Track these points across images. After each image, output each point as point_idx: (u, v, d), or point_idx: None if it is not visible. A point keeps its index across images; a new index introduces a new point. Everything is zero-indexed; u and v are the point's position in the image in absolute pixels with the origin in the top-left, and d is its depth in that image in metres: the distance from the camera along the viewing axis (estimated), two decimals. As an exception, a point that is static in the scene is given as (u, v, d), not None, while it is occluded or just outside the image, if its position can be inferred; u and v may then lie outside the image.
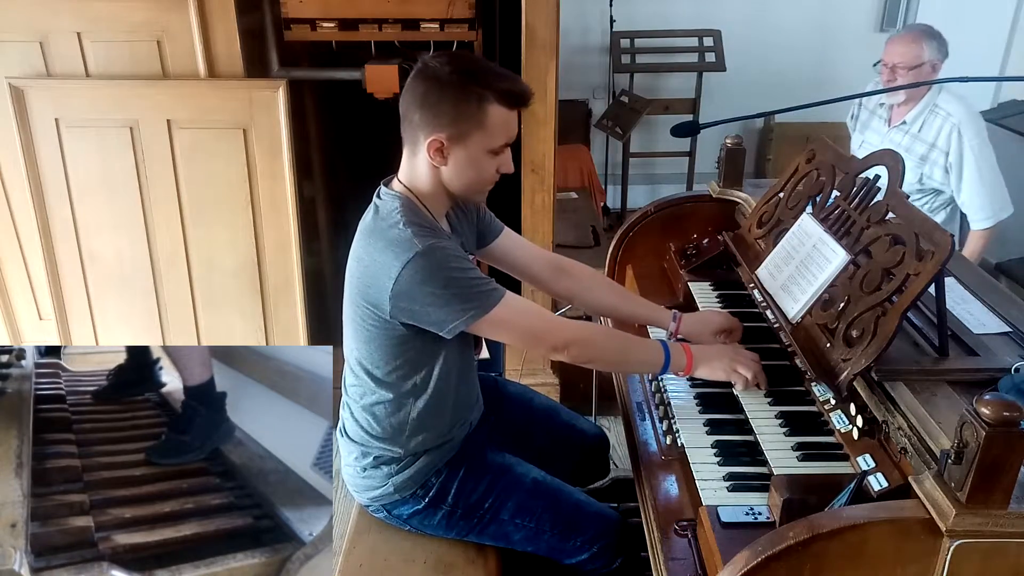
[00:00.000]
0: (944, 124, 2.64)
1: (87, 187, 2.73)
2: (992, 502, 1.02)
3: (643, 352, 1.64)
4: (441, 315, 1.47)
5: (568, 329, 1.58)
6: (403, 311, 1.48)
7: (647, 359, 1.62)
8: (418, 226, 1.48)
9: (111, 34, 2.58)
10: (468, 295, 1.47)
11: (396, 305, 1.47)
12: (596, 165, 4.81)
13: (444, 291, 1.45)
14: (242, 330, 2.92)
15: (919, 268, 1.33)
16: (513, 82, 1.49)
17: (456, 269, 1.47)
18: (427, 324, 1.49)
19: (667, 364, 1.59)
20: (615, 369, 1.86)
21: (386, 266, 1.45)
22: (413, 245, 1.44)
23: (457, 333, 1.49)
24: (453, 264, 1.47)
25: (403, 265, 1.43)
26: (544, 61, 2.56)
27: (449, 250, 1.48)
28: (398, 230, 1.47)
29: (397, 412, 1.60)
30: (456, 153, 1.48)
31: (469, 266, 1.51)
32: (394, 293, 1.45)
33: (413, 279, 1.44)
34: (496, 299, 1.49)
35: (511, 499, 1.65)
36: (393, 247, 1.46)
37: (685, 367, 1.60)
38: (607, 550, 1.66)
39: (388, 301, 1.46)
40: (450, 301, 1.46)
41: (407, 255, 1.43)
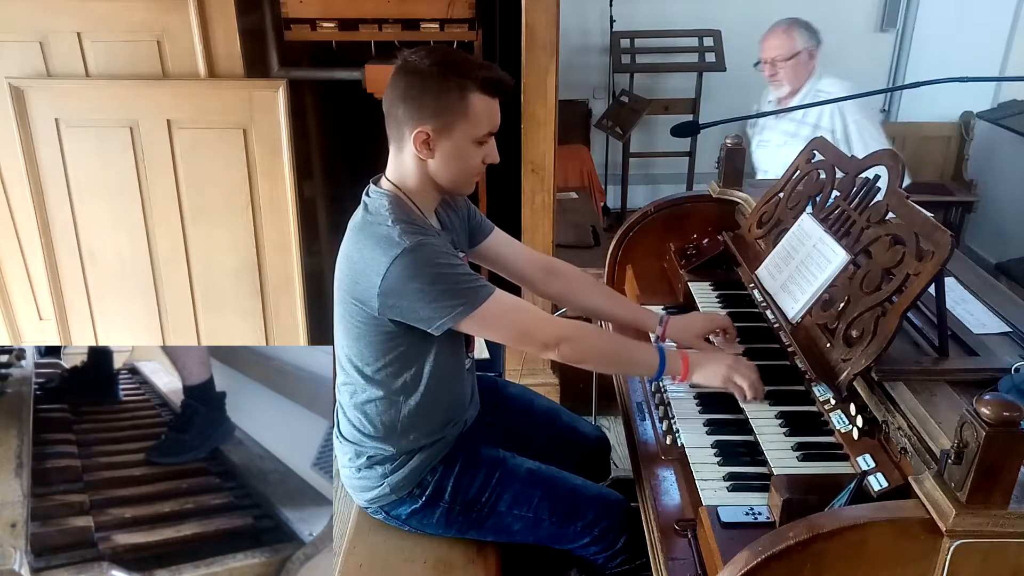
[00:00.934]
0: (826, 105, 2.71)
1: (87, 187, 2.72)
2: (992, 502, 1.02)
3: (637, 354, 1.64)
4: (429, 312, 1.47)
5: (559, 327, 1.58)
6: (391, 308, 1.48)
7: (641, 361, 1.62)
8: (406, 223, 1.48)
9: (111, 34, 2.58)
10: (456, 291, 1.47)
11: (384, 302, 1.47)
12: (596, 165, 4.81)
13: (432, 287, 1.45)
14: (242, 330, 2.92)
15: (919, 268, 1.33)
16: (492, 70, 1.50)
17: (444, 265, 1.47)
18: (415, 321, 1.49)
19: (662, 368, 1.59)
20: (608, 370, 1.86)
21: (374, 263, 1.46)
22: (400, 242, 1.44)
23: (446, 330, 1.49)
24: (441, 260, 1.47)
25: (391, 261, 1.44)
26: (544, 61, 2.56)
27: (436, 246, 1.49)
28: (386, 227, 1.47)
29: (389, 410, 1.60)
30: (442, 144, 1.49)
31: (457, 262, 1.51)
32: (382, 290, 1.45)
33: (400, 276, 1.44)
34: (485, 295, 1.49)
35: (508, 490, 1.65)
36: (381, 244, 1.46)
37: (681, 373, 1.60)
38: (608, 531, 1.65)
39: (376, 298, 1.47)
40: (438, 297, 1.46)
41: (394, 251, 1.44)
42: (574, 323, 1.62)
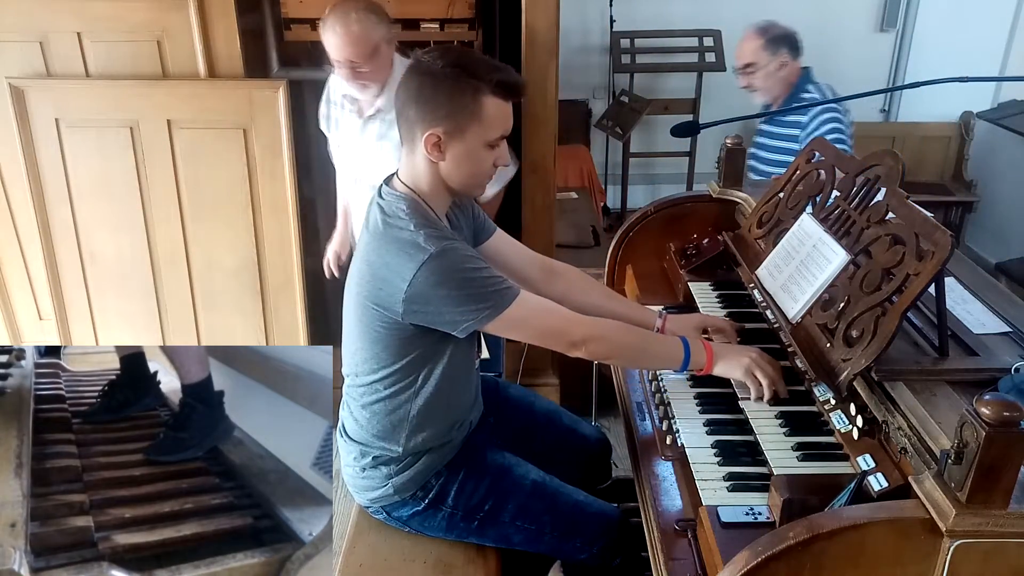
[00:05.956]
0: None
1: (87, 187, 2.73)
2: (992, 502, 1.02)
3: (662, 347, 1.64)
4: (455, 315, 1.47)
5: (585, 325, 1.58)
6: (416, 313, 1.47)
7: (666, 354, 1.62)
8: (428, 227, 1.47)
9: (111, 34, 2.58)
10: (483, 295, 1.47)
11: (409, 307, 1.46)
12: (596, 165, 4.81)
13: (459, 292, 1.45)
14: (242, 330, 2.92)
15: (919, 268, 1.32)
16: (507, 73, 1.49)
17: (470, 269, 1.47)
18: (440, 325, 1.49)
19: (687, 360, 1.59)
20: (634, 365, 1.85)
21: (399, 268, 1.45)
22: (427, 247, 1.43)
23: (470, 333, 1.49)
24: (468, 265, 1.47)
25: (418, 267, 1.43)
26: (544, 61, 2.56)
27: (462, 250, 1.49)
28: (409, 232, 1.46)
29: (397, 410, 1.60)
30: (454, 147, 1.48)
31: (482, 264, 1.51)
32: (408, 296, 1.45)
33: (428, 281, 1.43)
34: (511, 297, 1.49)
35: (511, 501, 1.65)
36: (406, 249, 1.45)
37: (705, 363, 1.59)
38: (607, 550, 1.66)
39: (401, 303, 1.46)
40: (465, 301, 1.46)
41: (421, 257, 1.43)
42: (599, 320, 1.61)
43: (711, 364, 1.59)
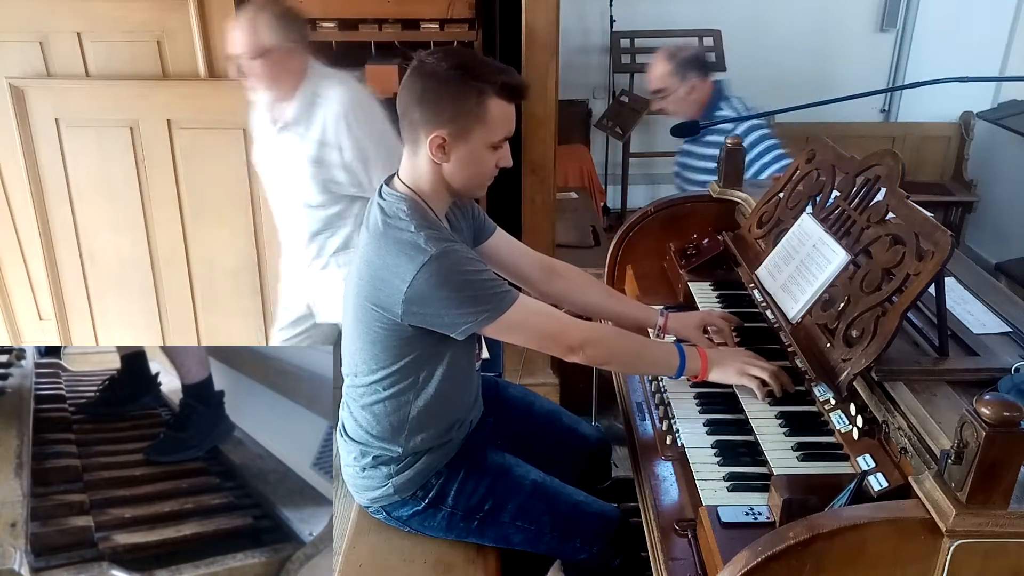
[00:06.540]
0: (327, 113, 2.19)
1: (87, 187, 2.73)
2: (992, 502, 1.02)
3: (658, 353, 1.64)
4: (454, 318, 1.47)
5: (582, 330, 1.58)
6: (415, 314, 1.47)
7: (662, 360, 1.62)
8: (429, 228, 1.47)
9: (111, 34, 2.58)
10: (482, 297, 1.47)
11: (408, 308, 1.46)
12: (596, 165, 4.81)
13: (459, 294, 1.45)
14: (242, 330, 2.92)
15: (919, 268, 1.32)
16: (511, 75, 1.49)
17: (470, 272, 1.47)
18: (439, 327, 1.49)
19: (682, 367, 1.59)
20: (630, 371, 1.85)
21: (399, 269, 1.45)
22: (427, 248, 1.43)
23: (469, 335, 1.50)
24: (467, 267, 1.47)
25: (418, 268, 1.43)
26: (544, 61, 2.56)
27: (462, 252, 1.49)
28: (409, 233, 1.46)
29: (397, 411, 1.60)
30: (458, 149, 1.48)
31: (482, 267, 1.51)
32: (407, 297, 1.45)
33: (428, 283, 1.43)
34: (510, 301, 1.49)
35: (511, 502, 1.65)
36: (406, 251, 1.45)
37: (700, 370, 1.60)
38: (607, 550, 1.66)
39: (400, 304, 1.46)
40: (464, 303, 1.46)
41: (421, 258, 1.43)
42: (596, 326, 1.62)
43: (706, 371, 1.60)
